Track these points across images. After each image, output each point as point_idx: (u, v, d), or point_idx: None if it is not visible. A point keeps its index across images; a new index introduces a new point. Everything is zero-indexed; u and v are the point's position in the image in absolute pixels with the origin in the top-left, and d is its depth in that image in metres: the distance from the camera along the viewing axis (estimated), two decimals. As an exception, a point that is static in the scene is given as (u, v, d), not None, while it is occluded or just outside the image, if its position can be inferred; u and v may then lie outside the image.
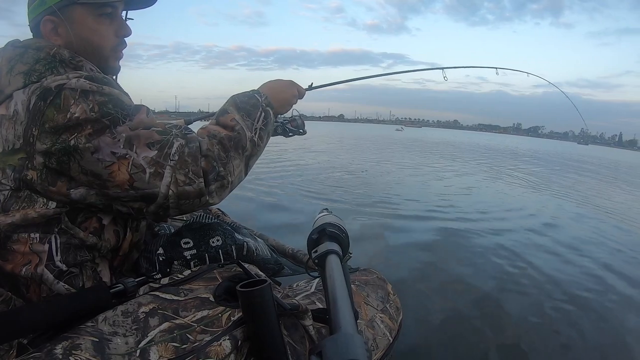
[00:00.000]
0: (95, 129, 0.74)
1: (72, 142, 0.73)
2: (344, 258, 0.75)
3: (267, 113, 0.97)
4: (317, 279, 1.19)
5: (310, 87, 1.35)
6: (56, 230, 0.79)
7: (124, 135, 0.75)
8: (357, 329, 0.50)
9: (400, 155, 12.58)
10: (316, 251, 0.73)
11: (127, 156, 0.75)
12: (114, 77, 0.98)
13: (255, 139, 0.92)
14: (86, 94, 0.75)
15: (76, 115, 0.73)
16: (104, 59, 0.92)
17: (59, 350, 0.62)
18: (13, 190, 0.77)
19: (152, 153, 0.77)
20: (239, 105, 0.93)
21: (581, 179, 9.78)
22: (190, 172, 0.79)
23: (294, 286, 1.24)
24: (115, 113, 0.76)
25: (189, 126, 0.90)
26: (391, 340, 1.22)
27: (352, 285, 1.08)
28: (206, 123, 0.94)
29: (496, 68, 2.17)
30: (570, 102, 2.64)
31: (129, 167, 0.75)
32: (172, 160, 0.78)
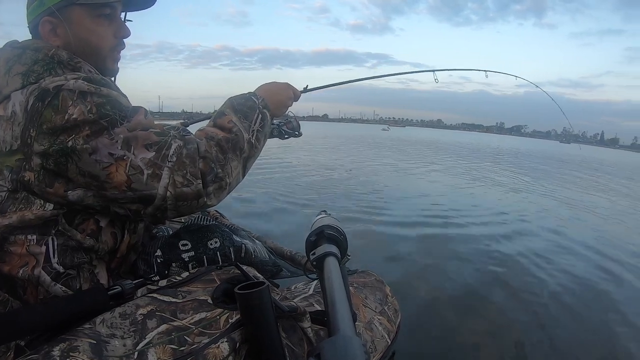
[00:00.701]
0: (93, 131, 0.74)
1: (70, 143, 0.73)
2: (342, 260, 0.74)
3: (264, 115, 0.98)
4: (315, 281, 1.19)
5: (306, 90, 1.36)
6: (53, 232, 0.79)
7: (121, 136, 0.75)
8: (355, 331, 0.49)
9: (392, 154, 12.54)
10: (314, 253, 0.73)
11: (124, 157, 0.75)
12: (113, 78, 0.99)
13: (253, 141, 0.92)
14: (84, 95, 0.75)
15: (74, 116, 0.73)
16: (102, 59, 0.93)
17: (56, 352, 0.62)
18: (10, 192, 0.76)
19: (150, 154, 0.77)
20: (236, 107, 0.94)
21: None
22: (188, 174, 0.79)
23: (292, 288, 1.24)
24: (113, 114, 0.76)
25: (187, 128, 0.91)
26: (389, 342, 1.22)
27: (350, 288, 1.08)
28: (203, 125, 0.94)
29: (485, 71, 2.27)
30: (553, 101, 2.69)
31: (127, 168, 0.75)
32: (170, 161, 0.78)
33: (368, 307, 1.24)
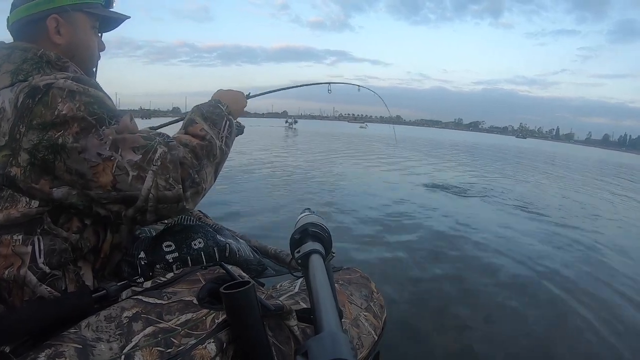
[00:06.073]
0: (82, 127, 0.76)
1: (60, 140, 0.75)
2: (327, 257, 0.75)
3: (231, 121, 1.04)
4: (300, 279, 1.20)
5: (248, 96, 1.40)
6: (39, 231, 0.79)
7: (110, 138, 0.78)
8: (341, 328, 0.50)
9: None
10: (299, 251, 0.73)
11: (112, 158, 0.78)
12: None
13: (223, 147, 0.97)
14: (73, 94, 0.78)
15: (63, 112, 0.76)
16: (91, 65, 1.01)
17: (42, 358, 0.61)
18: None
19: (137, 157, 0.80)
20: (206, 115, 0.99)
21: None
22: (171, 178, 0.82)
23: (278, 287, 1.24)
24: (101, 113, 0.79)
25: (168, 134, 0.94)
26: (376, 338, 1.23)
27: (335, 284, 1.08)
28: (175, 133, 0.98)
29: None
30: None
31: (113, 168, 0.78)
32: (155, 165, 0.81)
33: (354, 304, 1.25)
